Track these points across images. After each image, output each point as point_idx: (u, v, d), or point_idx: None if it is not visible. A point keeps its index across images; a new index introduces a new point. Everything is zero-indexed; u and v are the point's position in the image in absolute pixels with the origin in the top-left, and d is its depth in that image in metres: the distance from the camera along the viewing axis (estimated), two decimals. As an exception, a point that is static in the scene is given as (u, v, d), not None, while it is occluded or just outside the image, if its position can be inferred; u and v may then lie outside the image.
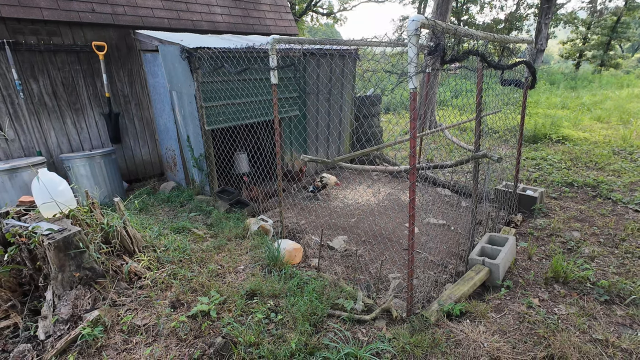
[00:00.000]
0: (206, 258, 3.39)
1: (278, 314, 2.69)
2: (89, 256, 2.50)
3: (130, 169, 6.26)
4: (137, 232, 3.05)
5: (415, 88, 2.29)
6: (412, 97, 2.32)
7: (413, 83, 2.27)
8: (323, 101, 6.36)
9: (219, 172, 5.52)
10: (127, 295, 2.62)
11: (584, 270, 3.32)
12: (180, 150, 5.67)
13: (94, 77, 5.55)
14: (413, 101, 2.33)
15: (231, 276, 3.17)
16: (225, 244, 3.75)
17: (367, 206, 5.29)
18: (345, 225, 4.62)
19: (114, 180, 5.54)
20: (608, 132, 9.07)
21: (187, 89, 4.79)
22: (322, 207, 5.28)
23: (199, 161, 5.23)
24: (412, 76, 2.25)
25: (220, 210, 4.77)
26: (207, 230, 4.08)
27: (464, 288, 3.05)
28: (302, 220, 4.78)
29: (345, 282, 3.32)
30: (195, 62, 4.45)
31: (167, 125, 5.83)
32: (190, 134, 5.23)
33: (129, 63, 5.81)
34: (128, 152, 6.19)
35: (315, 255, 3.89)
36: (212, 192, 5.23)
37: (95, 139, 5.79)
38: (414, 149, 2.43)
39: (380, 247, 4.10)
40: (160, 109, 5.85)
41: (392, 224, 4.68)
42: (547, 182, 5.93)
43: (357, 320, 2.75)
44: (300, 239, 4.26)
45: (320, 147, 6.70)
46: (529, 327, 2.64)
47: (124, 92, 5.89)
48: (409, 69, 2.25)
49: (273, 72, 3.49)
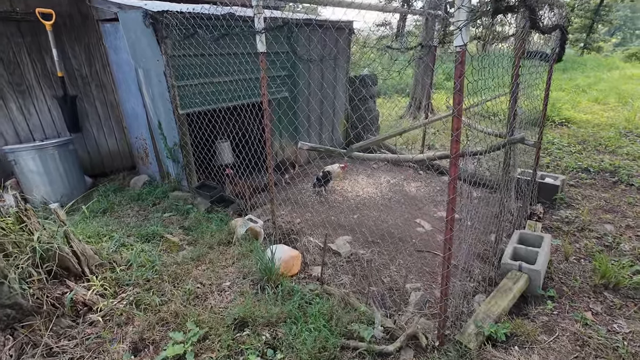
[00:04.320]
0: (182, 274, 2.71)
1: (277, 351, 2.06)
2: (9, 289, 1.78)
3: (95, 161, 5.41)
4: (87, 247, 2.33)
5: (464, 45, 1.64)
6: (460, 61, 1.67)
7: (462, 38, 1.61)
8: (315, 81, 5.63)
9: (197, 164, 4.77)
10: (70, 337, 1.93)
11: (635, 273, 2.83)
12: (152, 139, 4.87)
13: (41, 52, 4.62)
14: (460, 65, 1.67)
15: (214, 297, 2.51)
16: (207, 252, 3.07)
17: (369, 199, 4.68)
18: (347, 223, 4.00)
19: (73, 175, 4.71)
20: (610, 114, 8.72)
21: (154, 65, 3.98)
22: (319, 201, 4.63)
23: (174, 151, 4.46)
24: (462, 27, 1.59)
25: (200, 209, 4.06)
26: (183, 236, 3.37)
27: (503, 302, 2.50)
28: (297, 218, 4.13)
29: (356, 297, 2.72)
30: (162, 30, 3.64)
31: (135, 110, 4.99)
32: (161, 119, 4.43)
33: (85, 36, 4.89)
34: (91, 142, 5.32)
35: (316, 262, 3.27)
36: (190, 188, 4.49)
37: (48, 128, 4.91)
38: (458, 131, 1.80)
39: (390, 249, 3.51)
40: (127, 91, 4.99)
41: (401, 220, 4.09)
42: (560, 168, 5.46)
43: (379, 352, 2.16)
44: (296, 241, 3.61)
45: (313, 133, 6.00)
46: (594, 354, 2.11)
47: (81, 71, 4.99)
48: (456, 15, 1.59)
49: (260, 37, 2.75)
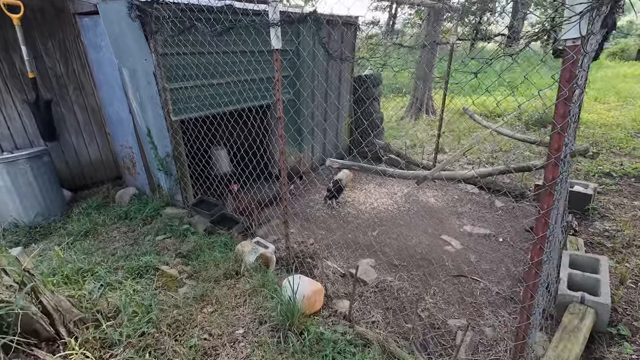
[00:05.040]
0: (184, 321, 2.22)
1: None
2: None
3: (74, 172, 4.81)
4: (62, 299, 1.82)
5: (582, 38, 1.21)
6: (573, 60, 1.24)
7: (580, 30, 1.19)
8: (320, 81, 5.17)
9: (192, 175, 4.25)
10: None
11: None
12: (140, 147, 4.31)
13: (8, 50, 4.01)
14: (572, 66, 1.25)
15: (226, 352, 2.03)
16: (212, 288, 2.58)
17: (386, 212, 4.25)
18: (366, 242, 3.57)
19: (48, 190, 4.12)
20: (614, 114, 8.55)
21: (142, 65, 3.44)
22: (331, 215, 4.18)
23: (166, 163, 3.93)
24: (584, 15, 1.16)
25: (199, 229, 3.54)
26: (182, 267, 2.86)
27: (574, 347, 2.11)
28: (310, 238, 3.66)
29: (394, 340, 2.28)
30: (152, 24, 3.11)
31: (120, 115, 4.42)
32: (151, 126, 3.89)
33: (60, 31, 4.29)
34: (69, 151, 4.72)
35: (339, 294, 2.81)
36: (186, 204, 3.97)
37: (19, 137, 4.29)
38: (558, 152, 1.37)
39: (420, 274, 3.09)
40: (110, 94, 4.41)
41: (426, 237, 3.67)
42: (581, 173, 5.16)
43: None
44: (313, 267, 3.15)
45: (316, 139, 5.54)
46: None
47: (56, 72, 4.38)
48: (573, 7, 1.16)
49: (275, 31, 2.27)
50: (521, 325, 1.70)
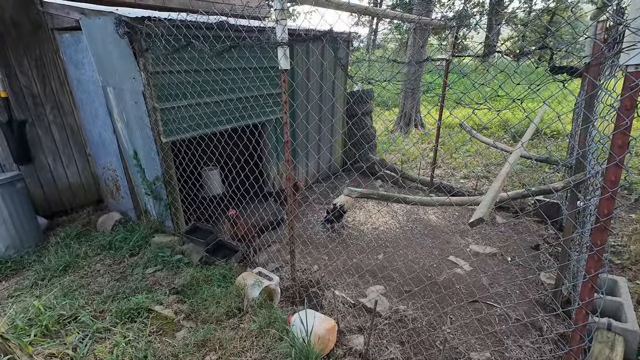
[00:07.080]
0: (186, 374, 1.95)
1: None
2: None
3: (51, 197, 4.43)
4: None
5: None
6: (636, 87, 1.13)
7: (645, 55, 1.09)
8: (313, 98, 5.04)
9: (184, 199, 3.97)
10: None
11: None
12: (125, 169, 4.02)
13: (-23, 67, 3.68)
14: (635, 94, 1.14)
15: (238, 411, 1.78)
16: (213, 332, 2.32)
17: (389, 233, 4.10)
18: (373, 267, 3.39)
19: (21, 219, 3.73)
20: (594, 125, 8.85)
21: (129, 84, 3.20)
22: (332, 238, 3.99)
23: (155, 187, 3.65)
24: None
25: (193, 259, 3.27)
26: (178, 305, 2.59)
27: (610, 381, 1.99)
28: (314, 264, 3.45)
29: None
30: (142, 40, 2.89)
31: (102, 136, 4.12)
32: (138, 148, 3.63)
33: (36, 47, 3.99)
34: (45, 175, 4.34)
35: (351, 327, 2.61)
36: (177, 230, 3.69)
37: (-11, 160, 3.91)
38: (615, 187, 1.26)
39: (433, 300, 2.93)
40: (92, 114, 4.12)
41: (433, 260, 3.54)
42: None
43: None
44: (320, 297, 2.94)
45: (310, 157, 5.38)
46: None
47: (32, 90, 4.06)
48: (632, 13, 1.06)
49: (283, 51, 2.12)
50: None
